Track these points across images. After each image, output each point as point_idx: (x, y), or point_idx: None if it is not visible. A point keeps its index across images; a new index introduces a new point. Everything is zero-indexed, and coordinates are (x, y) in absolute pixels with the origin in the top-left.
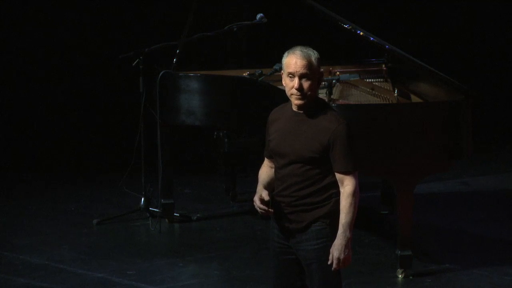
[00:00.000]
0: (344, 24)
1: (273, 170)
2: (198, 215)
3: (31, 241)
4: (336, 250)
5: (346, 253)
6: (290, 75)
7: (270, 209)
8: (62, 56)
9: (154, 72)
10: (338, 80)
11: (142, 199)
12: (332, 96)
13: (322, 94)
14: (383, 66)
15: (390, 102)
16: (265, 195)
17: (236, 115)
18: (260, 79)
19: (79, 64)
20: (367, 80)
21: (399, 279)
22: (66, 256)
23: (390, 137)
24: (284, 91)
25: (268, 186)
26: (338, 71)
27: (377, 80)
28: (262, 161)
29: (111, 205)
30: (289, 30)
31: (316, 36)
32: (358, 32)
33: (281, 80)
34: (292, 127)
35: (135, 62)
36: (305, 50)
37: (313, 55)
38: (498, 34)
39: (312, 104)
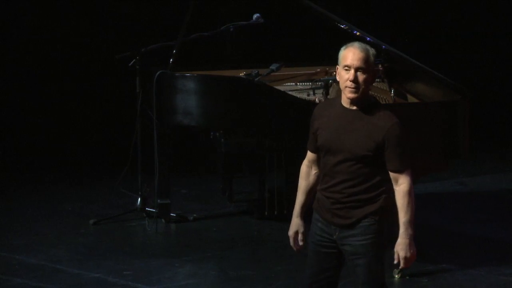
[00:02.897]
0: (340, 25)
1: (313, 171)
2: (195, 215)
3: (27, 241)
4: (402, 249)
5: (412, 251)
6: (346, 68)
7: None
8: (59, 57)
9: (151, 72)
10: (334, 80)
11: (139, 199)
12: (328, 96)
13: (319, 94)
14: (380, 66)
15: (387, 102)
16: (301, 237)
17: (232, 115)
18: (256, 79)
19: (76, 64)
20: None
21: (396, 279)
22: (63, 256)
23: None
24: (280, 91)
25: (307, 201)
26: (334, 71)
27: None
28: (258, 162)
29: (108, 205)
30: (286, 30)
31: (313, 36)
32: (355, 32)
33: (278, 81)
34: (344, 124)
35: (131, 62)
36: (363, 45)
37: (371, 50)
38: (498, 34)
39: (364, 101)
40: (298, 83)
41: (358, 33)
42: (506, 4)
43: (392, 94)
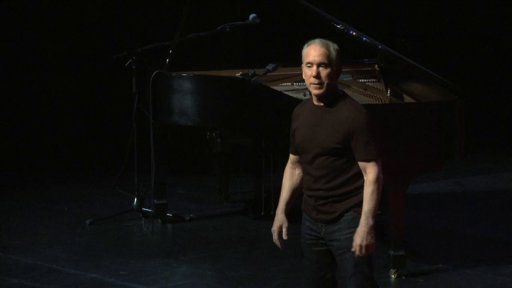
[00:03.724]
0: (336, 25)
1: (296, 172)
2: (191, 215)
3: (24, 242)
4: (359, 237)
5: (369, 240)
6: (309, 64)
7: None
8: (56, 57)
9: (147, 72)
10: None
11: (135, 199)
12: None
13: None
14: (376, 66)
15: (383, 102)
16: (285, 231)
17: (229, 116)
18: (253, 79)
19: (72, 64)
20: (360, 80)
21: (392, 279)
22: (59, 256)
23: (383, 137)
24: (277, 91)
25: (291, 199)
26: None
27: (370, 80)
28: (255, 162)
29: (104, 205)
30: (282, 30)
31: (309, 36)
32: (351, 32)
33: (274, 80)
34: (314, 121)
35: (128, 62)
36: (323, 41)
37: (332, 45)
38: (498, 33)
39: (332, 95)
40: (294, 83)
41: (354, 33)
42: (506, 4)
43: (388, 94)
